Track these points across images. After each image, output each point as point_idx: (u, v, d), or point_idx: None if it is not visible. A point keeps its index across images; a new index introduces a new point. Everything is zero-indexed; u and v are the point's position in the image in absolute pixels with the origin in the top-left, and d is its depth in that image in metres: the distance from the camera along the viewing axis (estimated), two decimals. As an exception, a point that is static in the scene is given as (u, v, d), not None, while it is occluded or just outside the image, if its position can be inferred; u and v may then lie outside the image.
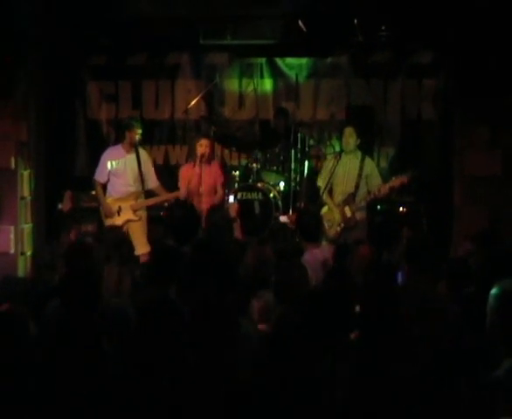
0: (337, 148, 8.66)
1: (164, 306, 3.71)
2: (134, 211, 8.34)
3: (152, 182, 8.56)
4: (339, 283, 4.87)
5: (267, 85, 10.62)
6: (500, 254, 4.84)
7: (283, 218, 9.39)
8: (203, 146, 8.63)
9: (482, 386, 3.09)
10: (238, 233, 9.07)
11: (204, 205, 8.23)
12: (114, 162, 8.39)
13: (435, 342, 3.85)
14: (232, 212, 9.05)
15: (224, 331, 3.60)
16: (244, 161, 10.29)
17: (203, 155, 8.55)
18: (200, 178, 8.48)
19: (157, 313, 3.66)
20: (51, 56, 9.41)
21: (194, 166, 8.62)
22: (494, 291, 3.22)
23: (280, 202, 9.48)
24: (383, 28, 9.61)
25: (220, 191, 8.86)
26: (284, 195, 9.70)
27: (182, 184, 8.73)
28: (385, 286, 4.34)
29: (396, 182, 7.81)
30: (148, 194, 8.63)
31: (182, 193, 8.60)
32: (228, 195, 9.32)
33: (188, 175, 8.67)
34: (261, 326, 4.62)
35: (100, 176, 8.48)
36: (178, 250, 5.51)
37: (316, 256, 6.39)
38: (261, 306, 4.85)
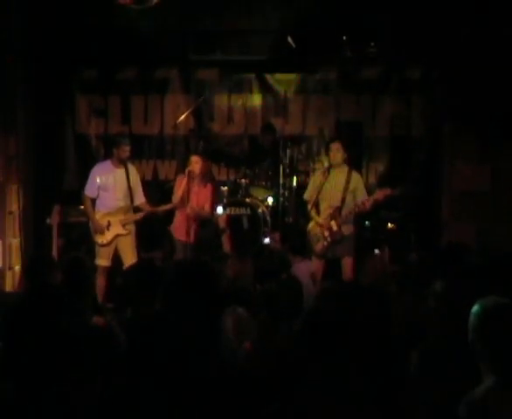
0: (326, 164, 8.66)
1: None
2: (124, 226, 8.31)
3: (139, 198, 8.52)
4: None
5: (256, 100, 10.65)
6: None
7: (267, 240, 9.35)
8: (192, 162, 8.62)
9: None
10: (226, 244, 9.07)
11: (190, 220, 8.30)
12: (103, 177, 8.36)
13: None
14: (221, 223, 9.04)
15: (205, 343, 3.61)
16: (232, 177, 10.28)
17: (191, 172, 8.52)
18: (188, 195, 8.47)
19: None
20: (41, 69, 9.42)
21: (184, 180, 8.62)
22: (474, 308, 3.23)
23: (268, 218, 9.47)
24: (372, 44, 9.63)
25: (207, 209, 8.81)
26: (272, 210, 9.69)
27: (175, 194, 8.72)
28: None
29: (379, 194, 7.78)
30: (136, 210, 8.60)
31: (173, 203, 8.62)
32: (216, 207, 9.25)
33: (181, 186, 8.62)
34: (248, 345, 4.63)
35: (89, 191, 8.43)
36: (159, 267, 5.51)
37: (303, 269, 6.40)
38: (235, 320, 4.87)
